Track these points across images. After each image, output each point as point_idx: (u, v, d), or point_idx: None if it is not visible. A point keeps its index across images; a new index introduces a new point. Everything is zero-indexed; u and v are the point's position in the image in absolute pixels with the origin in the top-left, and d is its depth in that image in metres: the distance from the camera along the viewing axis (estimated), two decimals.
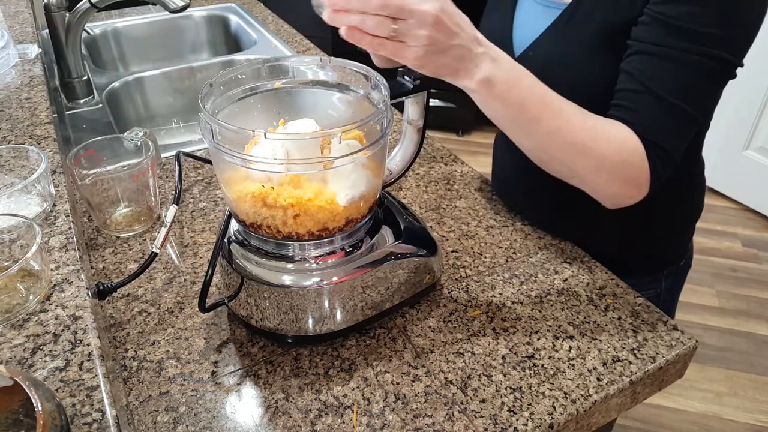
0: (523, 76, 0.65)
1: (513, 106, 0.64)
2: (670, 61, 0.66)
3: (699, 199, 0.93)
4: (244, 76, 0.69)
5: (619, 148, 0.67)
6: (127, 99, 1.39)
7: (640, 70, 0.68)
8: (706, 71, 0.67)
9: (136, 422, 0.61)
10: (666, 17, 0.66)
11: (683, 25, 0.65)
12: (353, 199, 0.64)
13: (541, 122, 0.65)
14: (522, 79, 0.64)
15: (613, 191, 0.70)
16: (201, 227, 0.89)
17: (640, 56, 0.69)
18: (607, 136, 0.67)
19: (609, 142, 0.67)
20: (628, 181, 0.68)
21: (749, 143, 2.48)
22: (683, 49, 0.66)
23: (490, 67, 0.61)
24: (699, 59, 0.66)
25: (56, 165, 0.81)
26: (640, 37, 0.69)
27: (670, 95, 0.67)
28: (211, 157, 0.79)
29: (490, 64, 0.61)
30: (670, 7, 0.66)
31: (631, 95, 0.69)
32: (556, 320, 0.74)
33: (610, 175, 0.68)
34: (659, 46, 0.67)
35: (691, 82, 0.67)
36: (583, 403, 0.64)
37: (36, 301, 0.59)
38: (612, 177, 0.68)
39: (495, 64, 0.61)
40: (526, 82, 0.65)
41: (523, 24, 0.82)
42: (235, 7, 1.76)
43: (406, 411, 0.63)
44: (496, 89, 0.62)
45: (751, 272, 2.25)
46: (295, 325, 0.68)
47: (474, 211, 0.93)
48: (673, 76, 0.67)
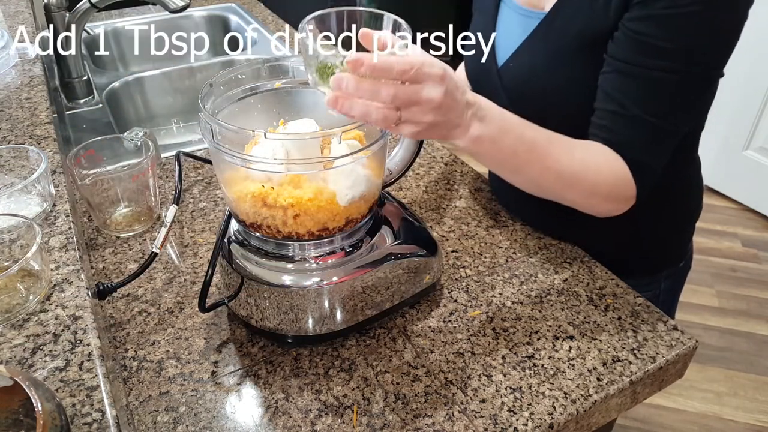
0: (512, 127, 0.65)
1: (501, 155, 0.66)
2: (646, 79, 0.67)
3: (696, 199, 0.93)
4: (244, 76, 0.69)
5: (607, 176, 0.69)
6: (127, 99, 1.39)
7: (616, 89, 0.69)
8: (683, 87, 0.67)
9: (136, 422, 0.61)
10: (639, 35, 0.66)
11: (658, 44, 0.65)
12: (353, 199, 0.64)
13: (529, 165, 0.67)
14: (510, 131, 0.64)
15: (604, 209, 0.73)
16: (201, 227, 0.89)
17: (616, 74, 0.69)
18: (595, 167, 0.69)
19: (598, 173, 0.69)
20: (617, 199, 0.72)
21: (749, 143, 2.48)
22: (658, 68, 0.66)
23: (479, 127, 0.61)
24: (674, 77, 0.66)
25: (56, 165, 0.81)
26: (615, 54, 0.69)
27: (647, 114, 0.68)
28: (211, 157, 0.79)
29: (479, 125, 0.61)
30: (644, 25, 0.65)
31: (609, 115, 0.70)
32: (556, 320, 0.74)
33: (600, 198, 0.71)
34: (633, 65, 0.67)
35: (668, 98, 0.68)
36: (583, 403, 0.64)
37: (36, 301, 0.59)
38: (602, 200, 0.71)
39: (483, 123, 0.61)
40: (515, 131, 0.65)
41: (503, 34, 0.83)
42: (235, 7, 1.76)
43: (406, 411, 0.63)
44: (485, 145, 0.63)
45: (751, 272, 2.25)
46: (295, 325, 0.68)
47: (474, 211, 0.93)
48: (649, 94, 0.67)
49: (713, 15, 0.63)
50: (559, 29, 0.74)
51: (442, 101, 0.55)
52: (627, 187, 0.70)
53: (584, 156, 0.69)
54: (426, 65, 0.54)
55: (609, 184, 0.70)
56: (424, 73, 0.54)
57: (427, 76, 0.54)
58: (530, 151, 0.66)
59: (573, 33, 0.72)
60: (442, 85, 0.55)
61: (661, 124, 0.68)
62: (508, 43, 0.81)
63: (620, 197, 0.71)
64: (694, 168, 0.89)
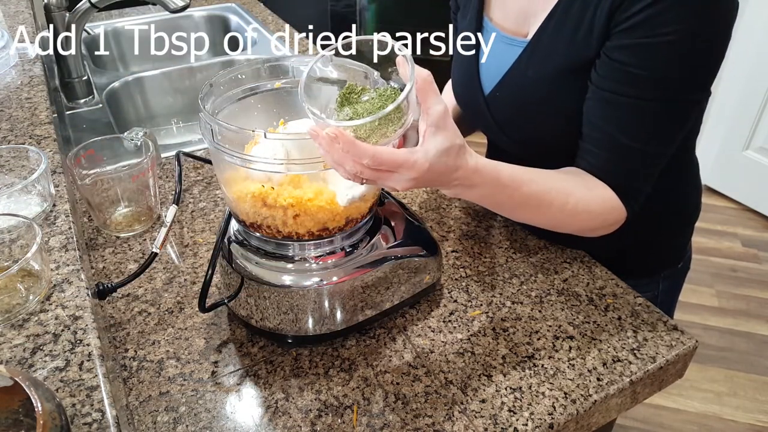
0: (504, 188, 0.64)
1: (491, 205, 0.69)
2: (628, 107, 0.67)
3: (695, 202, 0.92)
4: (244, 76, 0.69)
5: (599, 213, 0.71)
6: (127, 99, 1.39)
7: (599, 116, 0.70)
8: (666, 113, 0.67)
9: (136, 422, 0.61)
10: (619, 63, 0.66)
11: (637, 72, 0.65)
12: (353, 199, 0.64)
13: (520, 212, 0.70)
14: (503, 191, 0.64)
15: (593, 235, 0.76)
16: (201, 227, 0.89)
17: (599, 102, 0.69)
18: (587, 207, 0.70)
19: (589, 212, 0.71)
20: (607, 227, 0.74)
21: (749, 143, 2.47)
22: (639, 96, 0.66)
23: (465, 191, 0.62)
24: (655, 104, 0.66)
25: (56, 165, 0.81)
26: (597, 82, 0.69)
27: (632, 141, 0.68)
28: (211, 157, 0.79)
29: (466, 190, 0.61)
30: (623, 54, 0.65)
31: (595, 142, 0.71)
32: (556, 320, 0.74)
33: (593, 231, 0.74)
34: (615, 93, 0.67)
35: (652, 125, 0.68)
36: (583, 403, 0.64)
37: (36, 301, 0.59)
38: (596, 230, 0.74)
39: (472, 188, 0.61)
40: (507, 192, 0.65)
41: (488, 63, 0.82)
42: (235, 7, 1.76)
43: (406, 411, 0.63)
44: (470, 198, 0.65)
45: (751, 272, 2.25)
46: (295, 325, 0.68)
47: (474, 211, 0.93)
48: (632, 122, 0.68)
49: (691, 44, 0.63)
50: (543, 56, 0.74)
51: (410, 187, 0.56)
52: (618, 214, 0.72)
53: (577, 203, 0.69)
54: (404, 168, 0.53)
55: (600, 220, 0.72)
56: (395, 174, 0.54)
57: (398, 176, 0.54)
58: (519, 204, 0.67)
59: (556, 61, 0.72)
60: (412, 182, 0.55)
61: (646, 150, 0.69)
62: (492, 71, 0.81)
63: (610, 224, 0.73)
64: (692, 171, 0.89)
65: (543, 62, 0.74)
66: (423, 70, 0.53)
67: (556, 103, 0.75)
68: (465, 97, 0.88)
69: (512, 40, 0.78)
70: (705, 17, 0.62)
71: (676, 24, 0.62)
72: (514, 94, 0.78)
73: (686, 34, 0.62)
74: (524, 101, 0.78)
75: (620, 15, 0.64)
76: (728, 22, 0.64)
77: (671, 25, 0.62)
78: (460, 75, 0.87)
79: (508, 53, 0.78)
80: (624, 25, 0.64)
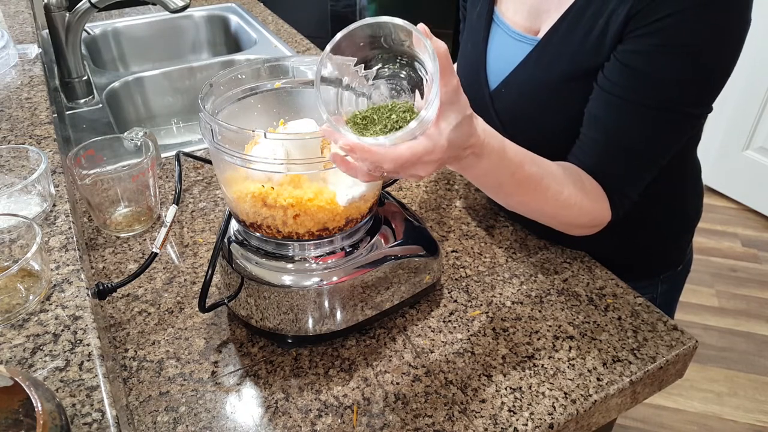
0: (506, 163, 0.64)
1: (491, 184, 0.67)
2: (630, 112, 0.67)
3: (696, 206, 0.92)
4: (244, 76, 0.69)
5: (589, 211, 0.71)
6: (127, 99, 1.39)
7: (601, 117, 0.70)
8: (667, 122, 0.67)
9: (136, 422, 0.61)
10: (628, 68, 0.66)
11: (645, 79, 0.65)
12: (353, 199, 0.64)
13: (518, 194, 0.69)
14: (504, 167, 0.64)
15: (576, 233, 0.76)
16: (201, 227, 0.89)
17: (602, 103, 0.69)
18: (580, 203, 0.70)
19: (581, 208, 0.71)
20: (591, 227, 0.75)
21: (749, 143, 2.47)
22: (643, 103, 0.66)
23: (474, 161, 0.61)
24: (658, 112, 0.66)
25: (56, 165, 0.81)
26: (604, 85, 0.69)
27: (629, 144, 0.69)
28: (211, 157, 0.79)
29: (475, 159, 0.61)
30: (633, 59, 0.65)
31: (592, 142, 0.71)
32: (556, 320, 0.74)
33: (579, 227, 0.75)
34: (620, 97, 0.67)
35: (651, 134, 0.68)
36: (583, 403, 0.64)
37: (36, 301, 0.59)
38: (581, 228, 0.75)
39: (480, 158, 0.61)
40: (509, 167, 0.64)
41: (496, 58, 0.82)
42: (235, 7, 1.76)
43: (406, 411, 0.63)
44: (476, 173, 0.64)
45: (751, 272, 2.25)
46: (295, 325, 0.68)
47: (474, 211, 0.93)
48: (632, 126, 0.68)
49: (703, 59, 0.64)
50: (551, 57, 0.74)
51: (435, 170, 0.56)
52: (603, 216, 0.73)
53: (571, 195, 0.69)
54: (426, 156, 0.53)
55: (589, 217, 0.72)
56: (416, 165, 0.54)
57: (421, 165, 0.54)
58: (517, 186, 0.66)
59: (563, 65, 0.72)
60: (436, 164, 0.55)
61: (641, 156, 0.70)
62: (500, 66, 0.81)
63: (595, 225, 0.74)
64: (693, 176, 0.89)
65: (551, 64, 0.74)
66: (441, 45, 0.52)
67: (560, 105, 0.75)
68: (469, 91, 0.88)
69: (523, 36, 0.78)
70: (720, 36, 0.63)
71: (691, 37, 0.62)
72: (519, 92, 0.78)
73: (700, 49, 0.63)
74: (529, 101, 0.77)
75: (638, 22, 0.64)
76: (740, 43, 0.65)
77: (687, 37, 0.62)
78: (466, 68, 0.87)
79: (518, 50, 0.78)
80: (640, 31, 0.64)
